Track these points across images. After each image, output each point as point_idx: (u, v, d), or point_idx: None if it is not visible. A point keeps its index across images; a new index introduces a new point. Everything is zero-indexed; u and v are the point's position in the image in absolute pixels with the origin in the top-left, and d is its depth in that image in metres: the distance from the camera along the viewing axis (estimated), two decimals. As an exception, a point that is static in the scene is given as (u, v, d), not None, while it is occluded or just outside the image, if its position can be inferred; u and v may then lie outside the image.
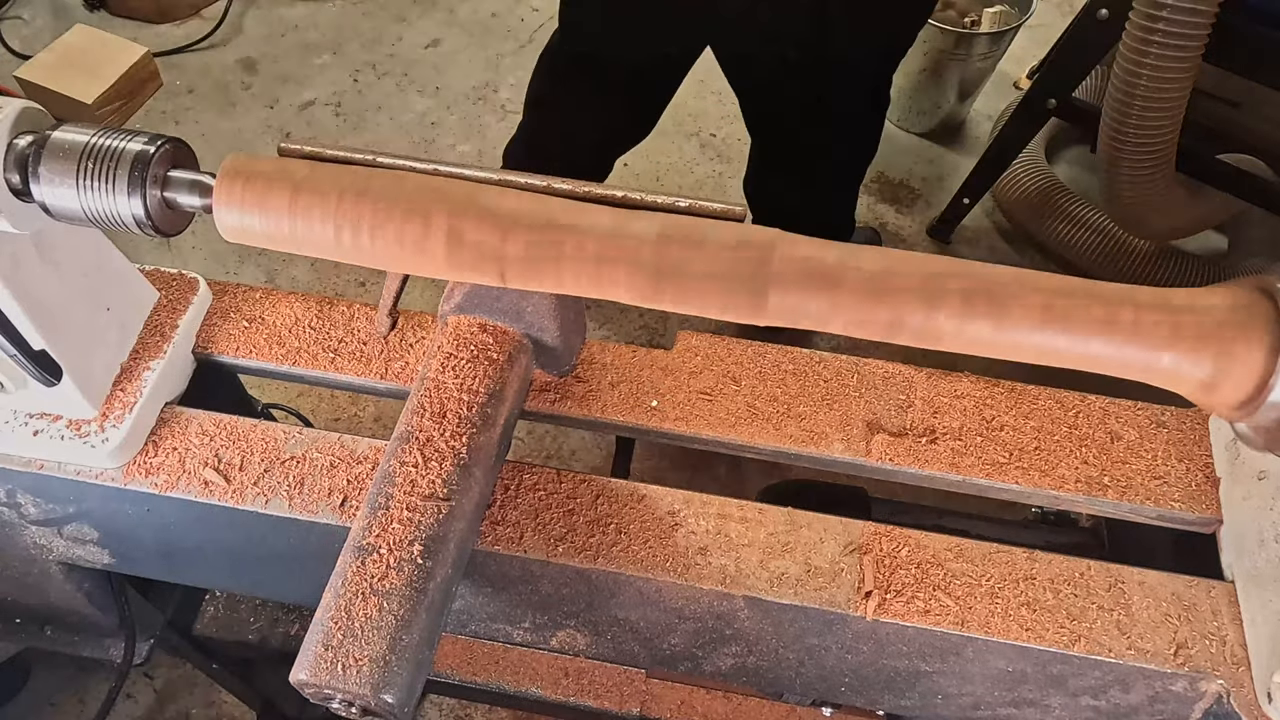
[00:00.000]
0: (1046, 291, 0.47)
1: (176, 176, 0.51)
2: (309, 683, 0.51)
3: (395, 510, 0.55)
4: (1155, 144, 1.76)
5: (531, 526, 0.69)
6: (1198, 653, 0.65)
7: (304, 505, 0.69)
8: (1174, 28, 1.56)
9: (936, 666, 0.70)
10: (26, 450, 0.70)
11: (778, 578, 0.67)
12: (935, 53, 2.29)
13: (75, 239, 0.66)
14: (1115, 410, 0.76)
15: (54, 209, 0.51)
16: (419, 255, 0.50)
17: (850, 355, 0.80)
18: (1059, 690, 0.70)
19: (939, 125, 2.51)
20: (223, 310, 0.78)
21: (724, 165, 2.34)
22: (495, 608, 0.75)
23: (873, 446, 0.74)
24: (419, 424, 0.59)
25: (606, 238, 0.49)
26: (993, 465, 0.73)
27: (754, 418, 0.75)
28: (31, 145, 0.50)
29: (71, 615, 0.92)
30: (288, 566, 0.75)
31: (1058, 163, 2.46)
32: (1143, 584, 0.68)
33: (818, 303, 0.48)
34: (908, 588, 0.67)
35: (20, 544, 0.79)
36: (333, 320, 0.78)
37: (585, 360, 0.78)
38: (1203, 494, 0.72)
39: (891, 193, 2.41)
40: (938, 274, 0.47)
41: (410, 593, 0.53)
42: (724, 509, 0.70)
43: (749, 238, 0.49)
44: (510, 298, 0.62)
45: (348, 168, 0.52)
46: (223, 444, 0.72)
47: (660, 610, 0.71)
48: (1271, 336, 0.44)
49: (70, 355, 0.65)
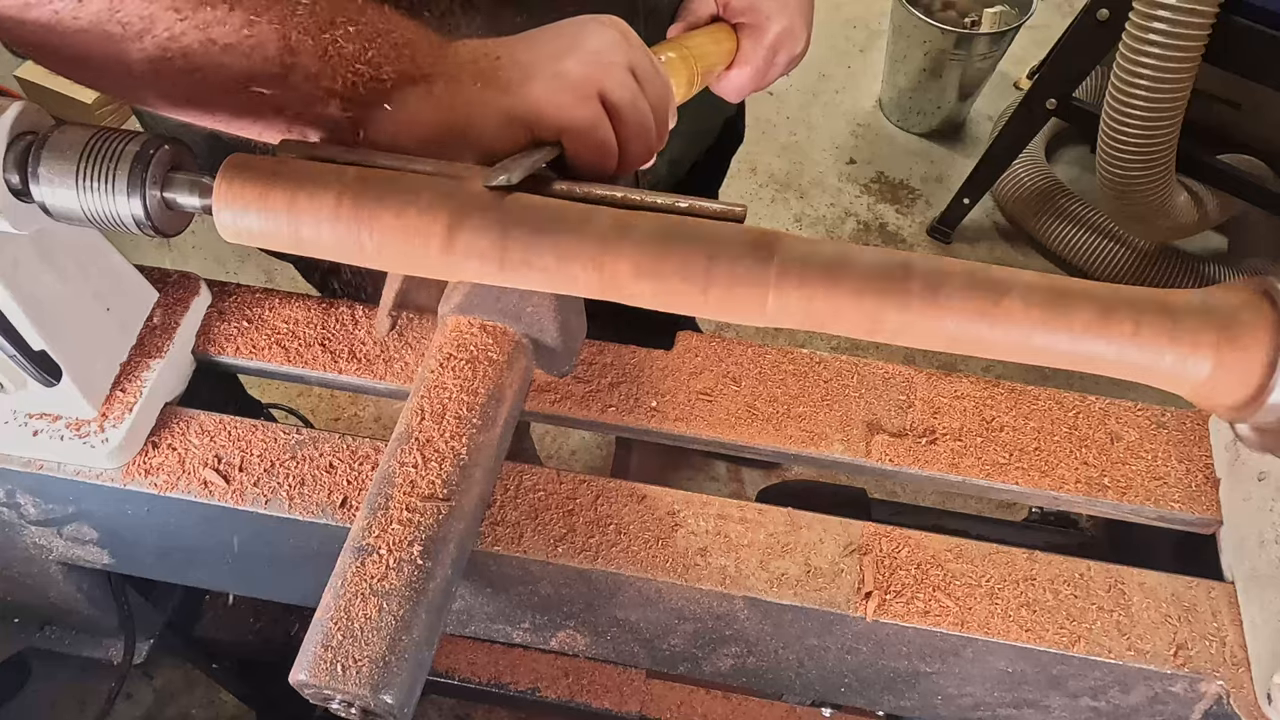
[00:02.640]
0: (1046, 292, 0.47)
1: (176, 177, 0.51)
2: (308, 683, 0.51)
3: (395, 511, 0.55)
4: (1155, 144, 1.76)
5: (531, 527, 0.69)
6: (1197, 654, 0.65)
7: (304, 505, 0.69)
8: (1174, 28, 1.56)
9: (936, 667, 0.70)
10: (26, 450, 0.70)
11: (777, 578, 0.67)
12: (935, 53, 2.29)
13: (75, 239, 0.66)
14: (1115, 411, 0.76)
15: (53, 209, 0.51)
16: (419, 255, 0.51)
17: (850, 355, 0.80)
18: (1059, 691, 0.70)
19: (939, 125, 2.51)
20: (223, 310, 0.78)
21: (724, 165, 2.34)
22: (495, 608, 0.75)
23: (873, 447, 0.74)
24: (419, 424, 0.59)
25: (606, 238, 0.49)
26: (993, 465, 0.73)
27: (754, 418, 0.75)
28: (31, 146, 0.50)
29: (71, 615, 0.92)
30: (287, 567, 0.75)
31: (1058, 163, 2.47)
32: (1143, 585, 0.68)
33: (818, 303, 0.48)
34: (907, 588, 0.67)
35: (20, 544, 0.79)
36: (333, 320, 0.78)
37: (585, 360, 0.78)
38: (1203, 495, 0.72)
39: (891, 193, 2.41)
40: (937, 274, 0.47)
41: (410, 593, 0.53)
42: (724, 509, 0.70)
43: (749, 238, 0.49)
44: (510, 298, 0.62)
45: (347, 167, 0.52)
46: (223, 444, 0.72)
47: (660, 611, 0.71)
48: (1271, 337, 0.44)
49: (70, 355, 0.65)
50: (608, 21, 0.58)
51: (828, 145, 2.51)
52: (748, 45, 0.76)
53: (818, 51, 2.70)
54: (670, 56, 0.68)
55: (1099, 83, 2.11)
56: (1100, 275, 2.19)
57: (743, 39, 0.76)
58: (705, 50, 0.72)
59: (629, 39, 0.58)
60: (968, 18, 2.37)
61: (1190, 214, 2.02)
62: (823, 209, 2.37)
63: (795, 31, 0.78)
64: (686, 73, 0.69)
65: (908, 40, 2.32)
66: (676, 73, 0.68)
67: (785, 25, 0.77)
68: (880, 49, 2.55)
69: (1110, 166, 1.84)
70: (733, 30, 0.77)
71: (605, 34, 0.57)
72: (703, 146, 1.12)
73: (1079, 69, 1.87)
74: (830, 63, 2.70)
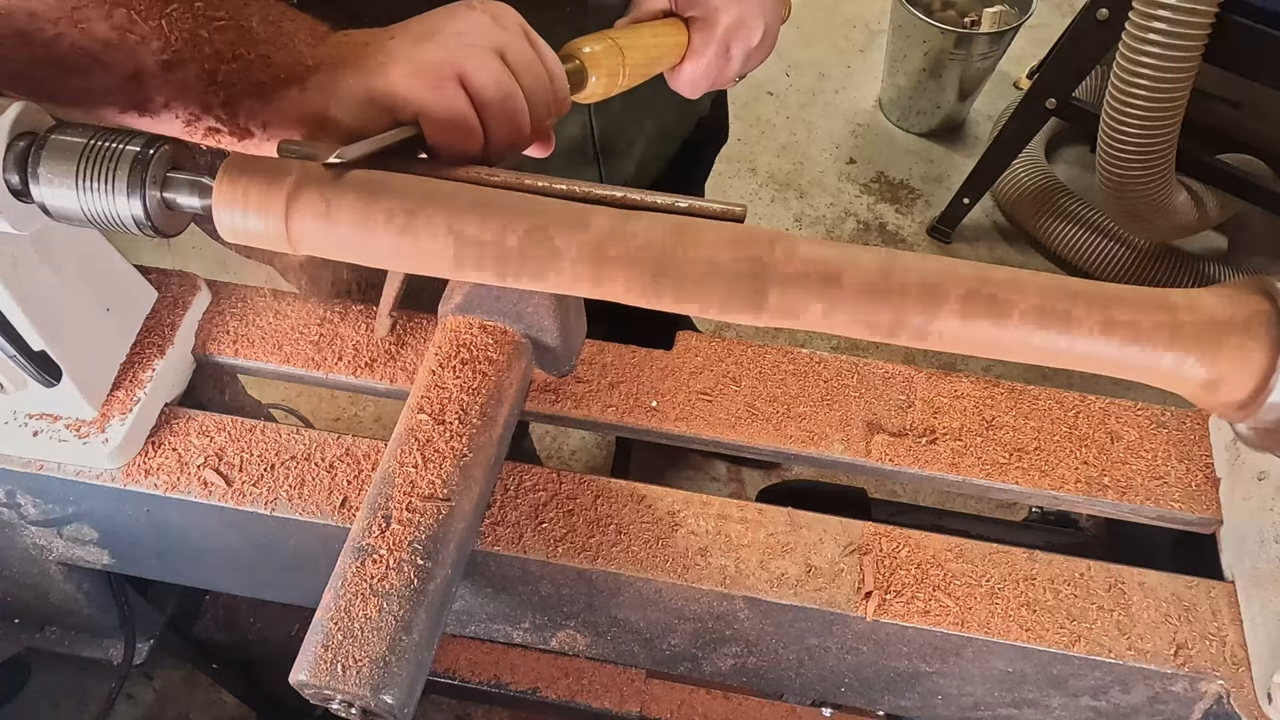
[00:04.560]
0: (1046, 292, 0.47)
1: (176, 177, 0.51)
2: (308, 683, 0.51)
3: (395, 511, 0.55)
4: (1155, 144, 1.76)
5: (531, 527, 0.69)
6: (1198, 653, 0.65)
7: (304, 506, 0.69)
8: (1174, 28, 1.56)
9: (936, 667, 0.70)
10: (26, 451, 0.70)
11: (777, 578, 0.67)
12: (935, 53, 2.29)
13: (75, 239, 0.66)
14: (1115, 410, 0.76)
15: (53, 210, 0.51)
16: (418, 254, 0.51)
17: (850, 355, 0.80)
18: (1059, 691, 0.70)
19: (939, 125, 2.51)
20: (223, 310, 0.78)
21: (723, 165, 2.34)
22: (495, 608, 0.75)
23: (873, 446, 0.74)
24: (419, 424, 0.59)
25: (606, 238, 0.49)
26: (993, 465, 0.73)
27: (754, 418, 0.75)
28: (31, 146, 0.50)
29: (71, 615, 0.92)
30: (287, 567, 0.75)
31: (1058, 163, 2.47)
32: (1143, 584, 0.68)
33: (818, 303, 0.48)
34: (908, 588, 0.67)
35: (20, 544, 0.79)
36: (332, 320, 0.78)
37: (585, 360, 0.78)
38: (1203, 494, 0.72)
39: (891, 193, 2.41)
40: (937, 274, 0.47)
41: (410, 594, 0.53)
42: (724, 509, 0.70)
43: (749, 237, 0.49)
44: (510, 298, 0.62)
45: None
46: (223, 444, 0.72)
47: (660, 611, 0.71)
48: (1271, 337, 0.44)
49: (70, 356, 0.65)
50: (480, 5, 0.57)
51: (827, 145, 2.51)
52: (698, 38, 0.76)
53: (818, 51, 2.71)
54: (593, 49, 0.67)
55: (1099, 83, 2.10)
56: (1100, 275, 2.19)
57: (693, 32, 0.76)
58: (643, 43, 0.72)
59: (502, 22, 0.57)
60: (967, 17, 2.37)
61: (1190, 214, 2.01)
62: (822, 209, 2.37)
63: (748, 22, 0.76)
64: (610, 64, 0.68)
65: (907, 40, 2.32)
66: (597, 65, 0.67)
67: (735, 17, 0.75)
68: (880, 49, 2.55)
69: (1110, 166, 1.84)
70: (684, 24, 0.76)
71: (472, 17, 0.57)
72: (674, 146, 1.11)
73: (1079, 69, 1.87)
74: (830, 62, 2.70)
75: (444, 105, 0.54)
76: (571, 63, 0.65)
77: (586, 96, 0.68)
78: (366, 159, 0.51)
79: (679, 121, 1.11)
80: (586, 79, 0.67)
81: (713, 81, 0.79)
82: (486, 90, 0.55)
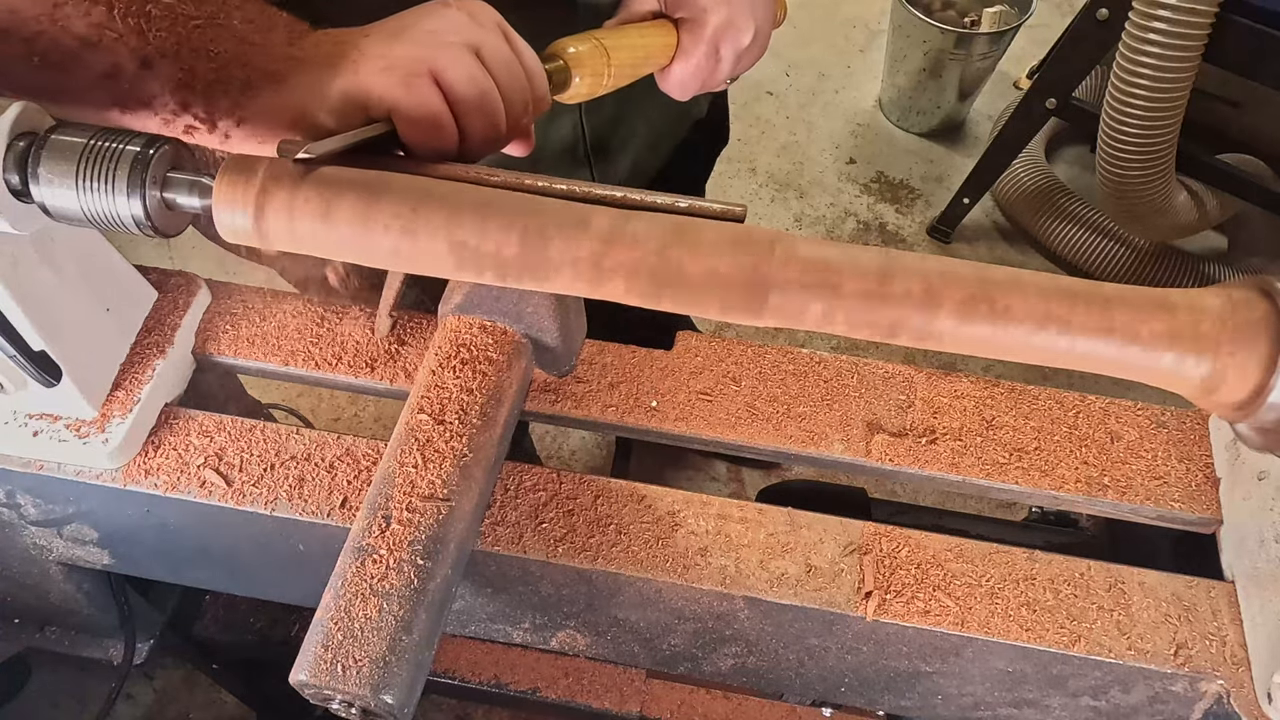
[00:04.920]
0: (1046, 292, 0.47)
1: (176, 177, 0.51)
2: (309, 683, 0.51)
3: (395, 511, 0.55)
4: (1155, 144, 1.76)
5: (531, 527, 0.69)
6: (1198, 653, 0.65)
7: (304, 506, 0.69)
8: (1174, 27, 1.56)
9: (936, 667, 0.70)
10: (26, 451, 0.70)
11: (777, 578, 0.67)
12: (935, 53, 2.29)
13: (75, 239, 0.66)
14: (1115, 410, 0.76)
15: (53, 210, 0.51)
16: (418, 254, 0.51)
17: (850, 355, 0.80)
18: (1059, 691, 0.70)
19: (939, 125, 2.51)
20: (223, 310, 0.78)
21: (723, 165, 2.34)
22: (495, 608, 0.75)
23: (873, 446, 0.74)
24: (419, 424, 0.59)
25: (606, 238, 0.49)
26: (993, 465, 0.73)
27: (754, 418, 0.75)
28: (31, 146, 0.50)
29: (71, 615, 0.92)
30: (288, 567, 0.75)
31: (1058, 163, 2.47)
32: (1143, 584, 0.68)
33: (818, 303, 0.48)
34: (908, 588, 0.67)
35: (20, 544, 0.79)
36: (332, 320, 0.78)
37: (585, 360, 0.78)
38: (1203, 494, 0.72)
39: (891, 193, 2.41)
40: (937, 274, 0.47)
41: (410, 594, 0.53)
42: (724, 509, 0.70)
43: (749, 238, 0.49)
44: (510, 298, 0.62)
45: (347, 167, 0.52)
46: (223, 444, 0.72)
47: (660, 611, 0.71)
48: (1271, 337, 0.44)
49: (70, 356, 0.65)
50: (456, 4, 0.58)
51: (827, 145, 2.51)
52: (687, 39, 0.76)
53: (817, 51, 2.71)
54: (578, 49, 0.67)
55: (1099, 83, 2.10)
56: (1100, 275, 2.19)
57: (682, 33, 0.76)
58: (629, 43, 0.72)
59: (479, 20, 0.57)
60: (967, 17, 2.37)
61: (1190, 213, 2.02)
62: (822, 209, 2.37)
63: (737, 23, 0.76)
64: (594, 65, 0.68)
65: (907, 40, 2.32)
66: (580, 65, 0.67)
67: (724, 18, 0.75)
68: (880, 49, 2.55)
69: (1110, 166, 1.84)
70: (673, 25, 0.76)
71: (448, 15, 0.57)
72: (669, 148, 1.11)
73: (1079, 69, 1.87)
74: (830, 62, 2.70)
75: (415, 102, 0.54)
76: (555, 62, 0.66)
77: (570, 97, 0.68)
78: (338, 155, 0.51)
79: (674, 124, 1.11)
80: (570, 79, 0.67)
81: (702, 83, 0.79)
82: (459, 86, 0.55)
